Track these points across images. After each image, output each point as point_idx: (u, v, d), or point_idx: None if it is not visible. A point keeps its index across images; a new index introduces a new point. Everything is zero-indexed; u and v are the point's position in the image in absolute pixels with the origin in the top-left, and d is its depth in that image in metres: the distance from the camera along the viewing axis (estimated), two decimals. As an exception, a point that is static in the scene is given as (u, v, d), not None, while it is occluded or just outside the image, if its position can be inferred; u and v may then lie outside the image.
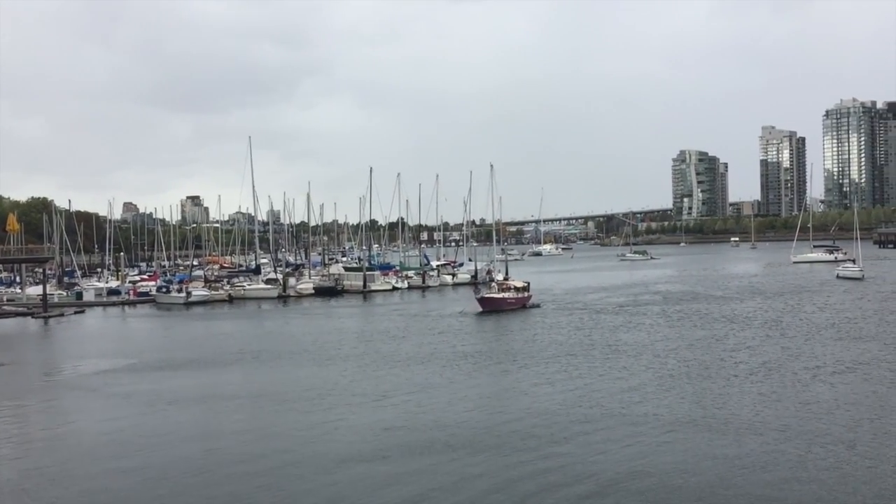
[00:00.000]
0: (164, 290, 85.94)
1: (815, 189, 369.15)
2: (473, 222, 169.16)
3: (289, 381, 35.98)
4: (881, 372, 33.81)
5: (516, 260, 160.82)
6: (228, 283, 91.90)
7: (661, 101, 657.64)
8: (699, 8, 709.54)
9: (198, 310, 76.97)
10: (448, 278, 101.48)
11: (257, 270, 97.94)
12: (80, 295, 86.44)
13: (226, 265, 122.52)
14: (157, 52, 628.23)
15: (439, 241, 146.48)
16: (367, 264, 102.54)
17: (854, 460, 21.24)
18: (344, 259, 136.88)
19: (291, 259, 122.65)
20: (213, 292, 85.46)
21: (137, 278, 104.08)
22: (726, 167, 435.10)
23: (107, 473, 22.26)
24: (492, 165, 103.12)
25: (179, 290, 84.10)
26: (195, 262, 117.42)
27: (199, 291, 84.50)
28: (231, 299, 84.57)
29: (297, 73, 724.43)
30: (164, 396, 32.88)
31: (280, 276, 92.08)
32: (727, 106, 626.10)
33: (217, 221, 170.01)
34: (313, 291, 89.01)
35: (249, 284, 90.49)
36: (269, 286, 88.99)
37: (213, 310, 76.82)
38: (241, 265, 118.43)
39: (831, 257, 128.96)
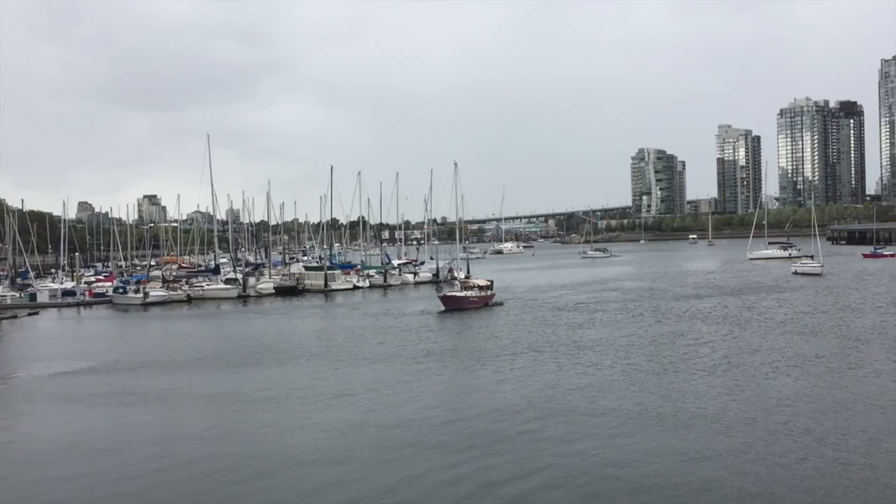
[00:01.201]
0: (120, 290, 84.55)
1: (770, 187, 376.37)
2: (435, 221, 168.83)
3: (250, 381, 35.52)
4: (842, 364, 34.43)
5: (478, 258, 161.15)
6: (187, 283, 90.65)
7: (621, 100, 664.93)
8: (658, 8, 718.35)
9: (156, 310, 75.81)
10: (410, 277, 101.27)
11: (216, 270, 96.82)
12: (33, 296, 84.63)
13: (184, 265, 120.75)
14: (115, 49, 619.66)
15: (401, 239, 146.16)
16: (328, 263, 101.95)
17: (822, 452, 21.55)
18: (305, 258, 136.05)
19: (251, 259, 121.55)
20: (171, 293, 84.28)
21: (93, 279, 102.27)
22: (684, 165, 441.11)
23: (60, 480, 21.68)
24: (456, 164, 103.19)
25: (137, 291, 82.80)
26: (153, 263, 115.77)
27: (156, 292, 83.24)
28: (190, 300, 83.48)
29: (258, 71, 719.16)
30: (123, 399, 32.25)
31: (240, 276, 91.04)
32: (685, 105, 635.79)
33: (175, 221, 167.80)
34: (274, 291, 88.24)
35: (208, 284, 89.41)
36: (228, 286, 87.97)
37: (172, 310, 75.72)
38: (199, 265, 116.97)
39: (785, 254, 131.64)
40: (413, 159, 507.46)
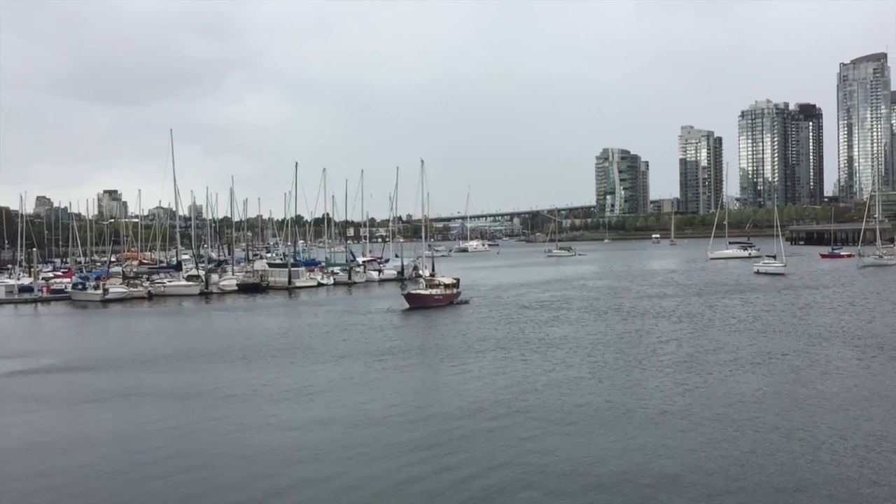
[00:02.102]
0: (79, 286, 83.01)
1: (731, 187, 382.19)
2: (400, 218, 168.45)
3: (214, 379, 34.96)
4: (806, 362, 34.87)
5: (443, 256, 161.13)
6: (148, 279, 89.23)
7: (586, 100, 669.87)
8: (625, 10, 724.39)
9: (116, 307, 74.53)
10: (374, 275, 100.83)
11: (178, 267, 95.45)
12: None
13: (145, 261, 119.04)
14: (76, 42, 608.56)
15: (366, 237, 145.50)
16: (292, 260, 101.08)
17: (790, 447, 21.73)
18: (268, 255, 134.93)
19: (214, 255, 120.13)
20: (131, 289, 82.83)
21: (51, 275, 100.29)
22: (647, 166, 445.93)
23: (16, 481, 21.10)
24: (422, 161, 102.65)
25: (96, 287, 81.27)
26: (113, 259, 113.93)
27: (116, 288, 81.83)
28: (151, 296, 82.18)
29: (223, 66, 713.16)
30: (83, 398, 31.57)
31: (202, 273, 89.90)
32: (649, 105, 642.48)
33: (136, 216, 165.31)
34: (237, 288, 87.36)
35: (170, 281, 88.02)
36: (190, 283, 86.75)
37: (132, 307, 74.53)
38: (161, 261, 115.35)
39: (745, 254, 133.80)
40: (379, 157, 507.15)
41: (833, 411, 25.91)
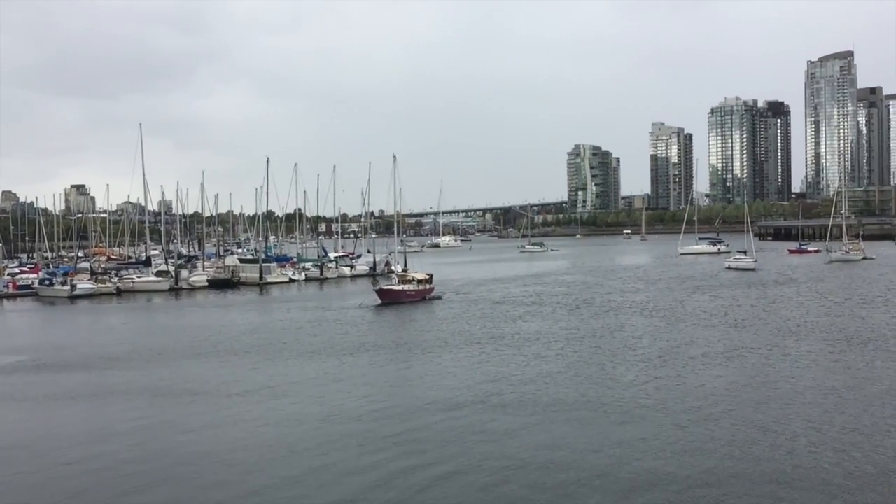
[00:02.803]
0: (46, 282, 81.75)
1: (701, 184, 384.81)
2: (372, 214, 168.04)
3: (184, 376, 34.43)
4: (779, 355, 35.14)
5: (415, 252, 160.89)
6: (116, 275, 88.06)
7: (559, 96, 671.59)
8: (599, 8, 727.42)
9: (84, 304, 73.42)
10: (346, 270, 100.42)
11: (147, 262, 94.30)
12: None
13: (113, 257, 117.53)
14: (44, 34, 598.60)
15: (338, 232, 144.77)
16: (263, 256, 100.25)
17: (766, 439, 21.77)
18: (239, 251, 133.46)
19: (184, 251, 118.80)
20: (99, 285, 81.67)
21: (17, 271, 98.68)
22: (619, 162, 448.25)
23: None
24: (395, 156, 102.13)
25: (63, 283, 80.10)
26: (81, 254, 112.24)
27: (84, 284, 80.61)
28: (119, 292, 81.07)
29: (195, 60, 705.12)
30: (51, 396, 30.96)
31: (172, 269, 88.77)
32: (621, 102, 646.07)
33: (105, 211, 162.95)
34: (207, 284, 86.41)
35: (139, 277, 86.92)
36: (160, 279, 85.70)
37: (101, 304, 73.46)
38: (130, 257, 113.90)
39: (714, 249, 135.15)
40: (351, 152, 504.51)
41: (807, 404, 26.06)
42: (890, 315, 48.77)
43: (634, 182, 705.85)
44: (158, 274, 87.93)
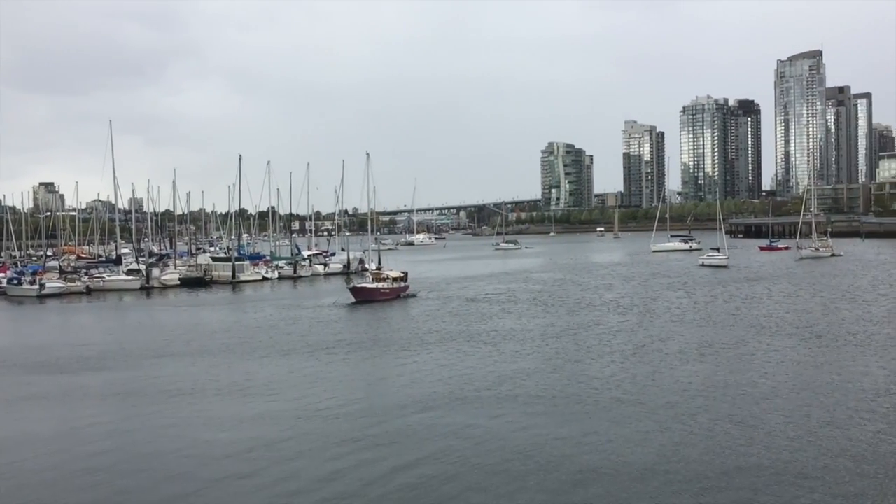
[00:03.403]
0: (14, 282, 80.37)
1: (673, 181, 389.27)
2: (346, 212, 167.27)
3: (156, 376, 33.88)
4: (754, 351, 35.40)
5: (389, 250, 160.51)
6: (86, 274, 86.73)
7: (532, 95, 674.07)
8: (571, 6, 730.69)
9: (53, 303, 72.30)
10: (320, 268, 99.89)
11: (118, 261, 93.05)
12: (-83, 289, 79.59)
13: (83, 255, 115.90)
14: (11, 30, 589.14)
15: (311, 230, 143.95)
16: (236, 254, 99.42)
17: (745, 434, 21.88)
18: (212, 249, 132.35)
19: (155, 249, 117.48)
20: (69, 284, 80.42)
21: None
22: (592, 159, 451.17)
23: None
24: (368, 154, 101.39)
25: (32, 282, 78.85)
26: (49, 253, 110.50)
27: (53, 283, 79.35)
28: (89, 291, 79.88)
29: (166, 56, 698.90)
30: (19, 396, 30.40)
31: (143, 267, 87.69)
32: (594, 100, 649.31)
33: (74, 209, 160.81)
34: (179, 283, 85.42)
35: (109, 276, 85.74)
36: (130, 277, 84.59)
37: (70, 303, 72.38)
38: (100, 255, 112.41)
39: (686, 247, 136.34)
40: (325, 150, 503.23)
41: (782, 397, 26.28)
42: (858, 311, 49.39)
43: (607, 180, 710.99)
44: (129, 273, 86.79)
